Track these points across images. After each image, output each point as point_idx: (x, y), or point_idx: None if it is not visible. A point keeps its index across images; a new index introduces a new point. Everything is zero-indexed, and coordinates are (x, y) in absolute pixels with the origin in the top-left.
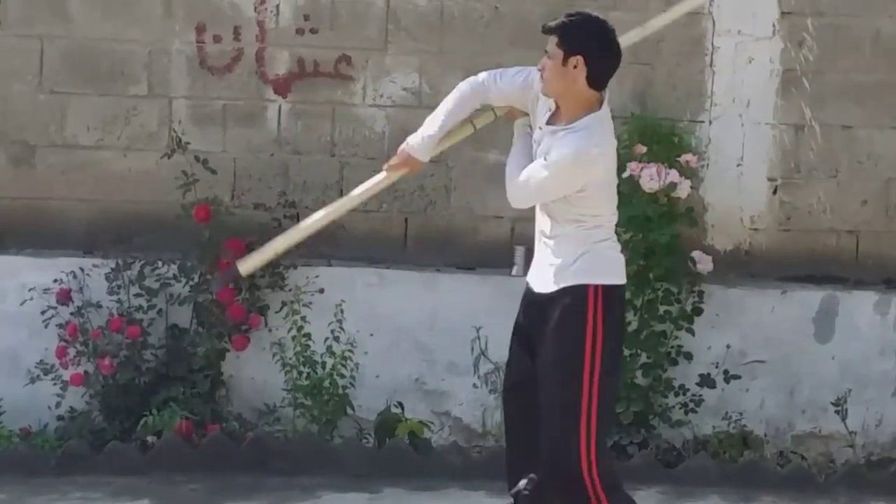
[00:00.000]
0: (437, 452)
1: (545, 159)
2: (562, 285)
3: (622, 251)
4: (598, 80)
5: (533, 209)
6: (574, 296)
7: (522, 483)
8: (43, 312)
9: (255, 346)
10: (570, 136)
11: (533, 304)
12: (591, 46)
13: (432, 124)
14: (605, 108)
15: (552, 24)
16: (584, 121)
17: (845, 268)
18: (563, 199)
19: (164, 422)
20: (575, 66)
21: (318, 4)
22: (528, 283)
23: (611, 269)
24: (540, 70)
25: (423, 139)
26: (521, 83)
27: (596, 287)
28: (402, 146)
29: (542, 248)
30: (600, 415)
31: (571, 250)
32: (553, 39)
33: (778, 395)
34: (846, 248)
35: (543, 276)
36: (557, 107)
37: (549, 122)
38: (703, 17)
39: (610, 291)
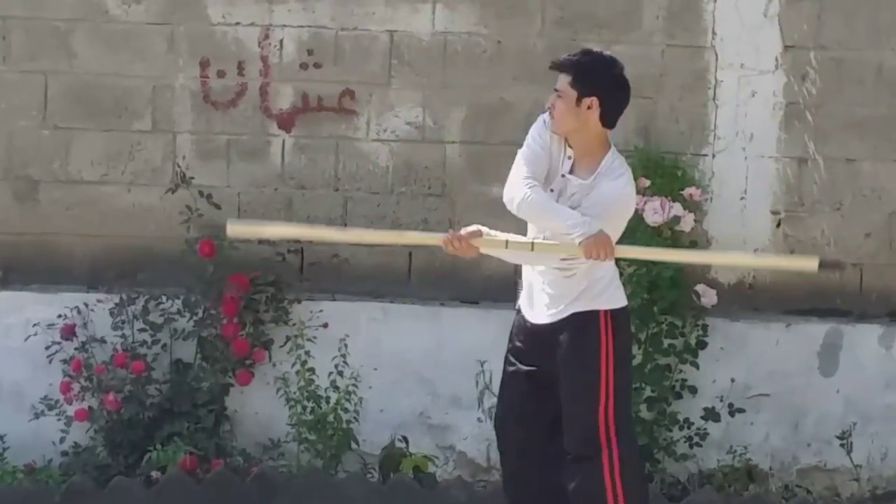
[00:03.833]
0: (441, 487)
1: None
2: (571, 311)
3: (624, 284)
4: (610, 119)
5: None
6: (585, 322)
7: None
8: (47, 348)
9: (260, 381)
10: (602, 181)
11: (535, 335)
12: (606, 87)
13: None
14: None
15: (564, 61)
16: (606, 160)
17: (849, 301)
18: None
19: (168, 457)
20: (589, 107)
21: (321, 39)
22: (521, 315)
23: (616, 294)
24: (549, 108)
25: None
26: (544, 155)
27: (606, 312)
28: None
29: (541, 279)
30: (620, 440)
31: (578, 279)
32: (565, 78)
33: (783, 428)
34: (850, 281)
35: (547, 307)
36: (574, 152)
37: (571, 172)
38: (705, 51)
39: (618, 314)
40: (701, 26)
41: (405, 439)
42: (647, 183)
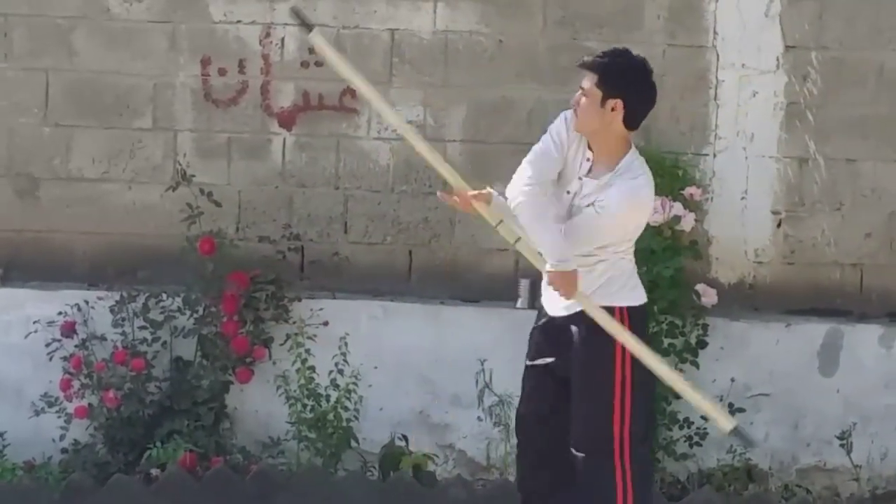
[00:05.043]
0: (441, 485)
1: (597, 210)
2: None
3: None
4: (634, 121)
5: None
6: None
7: None
8: (47, 345)
9: (260, 379)
10: (618, 181)
11: (553, 327)
12: (632, 90)
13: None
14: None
15: (593, 60)
16: (625, 161)
17: (849, 301)
18: None
19: (168, 454)
20: (613, 109)
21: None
22: (542, 310)
23: (635, 291)
24: (574, 106)
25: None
26: (558, 155)
27: (622, 309)
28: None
29: None
30: (634, 442)
31: (597, 275)
32: (592, 77)
33: (782, 428)
34: (850, 281)
35: (564, 300)
36: (593, 154)
37: (589, 174)
38: (706, 51)
39: (635, 312)
40: (702, 26)
41: (405, 438)
42: None
